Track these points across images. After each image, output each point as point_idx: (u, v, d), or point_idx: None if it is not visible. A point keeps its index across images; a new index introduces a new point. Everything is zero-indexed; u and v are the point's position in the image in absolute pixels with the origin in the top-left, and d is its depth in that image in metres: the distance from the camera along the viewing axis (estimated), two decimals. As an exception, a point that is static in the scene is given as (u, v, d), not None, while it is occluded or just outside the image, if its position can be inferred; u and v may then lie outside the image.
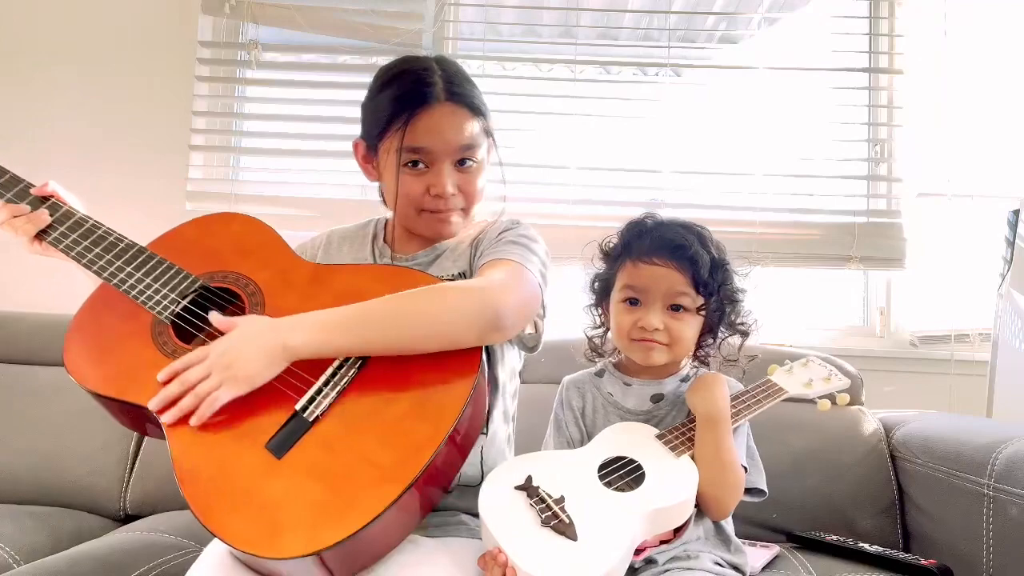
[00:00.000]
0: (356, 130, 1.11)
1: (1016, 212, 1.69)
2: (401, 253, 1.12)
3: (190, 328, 0.92)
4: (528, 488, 0.86)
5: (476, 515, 0.86)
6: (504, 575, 0.78)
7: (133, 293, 0.93)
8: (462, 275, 1.06)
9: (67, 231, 0.98)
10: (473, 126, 1.03)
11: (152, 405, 0.83)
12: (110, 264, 0.95)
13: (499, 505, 0.85)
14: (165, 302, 0.93)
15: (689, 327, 1.00)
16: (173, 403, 0.83)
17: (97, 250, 0.97)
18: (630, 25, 2.25)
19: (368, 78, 1.08)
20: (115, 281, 0.94)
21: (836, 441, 1.40)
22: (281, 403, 0.83)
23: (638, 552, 0.87)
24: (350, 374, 0.86)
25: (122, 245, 0.98)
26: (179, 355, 0.87)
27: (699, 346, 1.06)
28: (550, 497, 0.85)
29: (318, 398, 0.83)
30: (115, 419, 0.94)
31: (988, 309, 1.75)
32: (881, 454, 1.39)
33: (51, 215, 0.98)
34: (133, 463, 1.50)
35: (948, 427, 1.33)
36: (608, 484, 0.89)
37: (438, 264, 1.09)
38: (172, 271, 0.96)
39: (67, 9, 2.07)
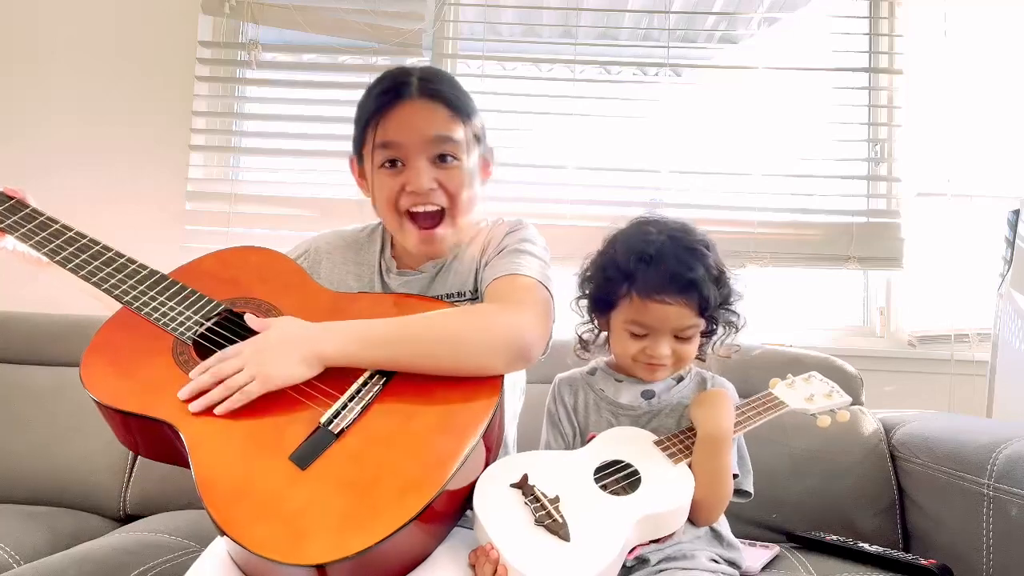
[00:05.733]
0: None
1: (1016, 212, 1.68)
2: (407, 267, 1.11)
3: (214, 348, 0.92)
4: (524, 486, 0.86)
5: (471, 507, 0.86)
6: (495, 571, 0.78)
7: (154, 316, 0.94)
8: (460, 294, 1.06)
9: (74, 252, 0.98)
10: (450, 122, 1.00)
11: (182, 394, 0.84)
12: (132, 289, 0.96)
13: (494, 501, 0.84)
14: (189, 323, 0.94)
15: (694, 346, 1.01)
16: (202, 394, 0.83)
17: (118, 276, 0.97)
18: (630, 25, 2.25)
19: (368, 78, 1.07)
20: (136, 305, 0.94)
21: (836, 441, 1.40)
22: (306, 416, 0.83)
23: (630, 552, 0.87)
24: (375, 390, 0.87)
25: (143, 272, 0.98)
26: None
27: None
28: (545, 496, 0.85)
29: (343, 412, 0.84)
30: (125, 441, 0.93)
31: (988, 309, 1.75)
32: (881, 454, 1.39)
33: (52, 234, 0.98)
34: (133, 463, 1.50)
35: (948, 427, 1.33)
36: (604, 487, 0.89)
37: (441, 278, 1.08)
38: (194, 296, 0.97)
39: (67, 9, 2.07)
